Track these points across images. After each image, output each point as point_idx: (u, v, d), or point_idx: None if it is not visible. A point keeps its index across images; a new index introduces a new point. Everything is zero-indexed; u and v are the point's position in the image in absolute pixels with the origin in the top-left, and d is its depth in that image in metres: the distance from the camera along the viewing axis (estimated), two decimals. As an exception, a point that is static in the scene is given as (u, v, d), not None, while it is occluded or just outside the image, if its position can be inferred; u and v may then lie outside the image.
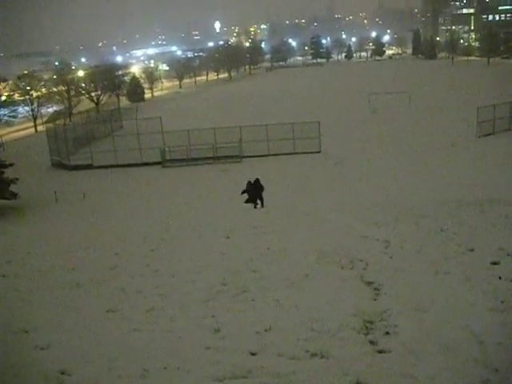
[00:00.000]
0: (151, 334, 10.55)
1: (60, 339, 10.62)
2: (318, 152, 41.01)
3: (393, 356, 8.52)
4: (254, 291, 12.60)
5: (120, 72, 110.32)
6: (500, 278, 11.71)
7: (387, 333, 9.40)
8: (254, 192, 24.95)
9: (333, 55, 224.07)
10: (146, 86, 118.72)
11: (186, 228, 22.42)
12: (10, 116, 70.60)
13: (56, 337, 10.78)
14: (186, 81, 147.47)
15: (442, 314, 10.06)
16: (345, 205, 23.74)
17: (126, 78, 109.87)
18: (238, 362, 8.61)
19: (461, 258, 13.65)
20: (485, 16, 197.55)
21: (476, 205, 21.16)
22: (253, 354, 9.00)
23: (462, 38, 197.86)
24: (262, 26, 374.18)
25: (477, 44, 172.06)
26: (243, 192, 25.04)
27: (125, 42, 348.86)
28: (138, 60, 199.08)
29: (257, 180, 25.18)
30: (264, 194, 26.03)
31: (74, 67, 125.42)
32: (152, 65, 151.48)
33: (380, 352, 8.70)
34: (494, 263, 12.86)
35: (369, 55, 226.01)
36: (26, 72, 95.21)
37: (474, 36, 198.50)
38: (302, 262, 14.67)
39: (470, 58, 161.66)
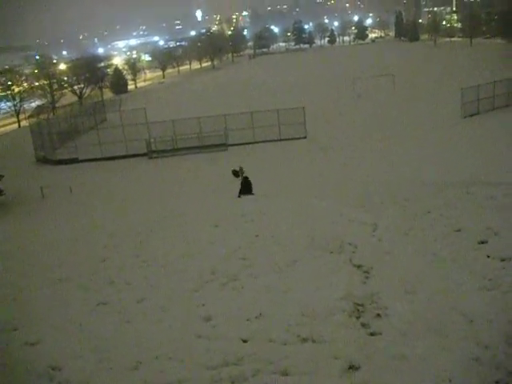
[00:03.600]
0: (142, 325, 10.52)
1: (50, 335, 10.57)
2: (304, 138, 40.94)
3: (384, 338, 8.56)
4: (243, 279, 12.60)
5: (102, 64, 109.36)
6: (488, 256, 11.77)
7: (378, 315, 9.44)
8: (245, 186, 25.32)
9: (316, 40, 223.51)
10: (129, 77, 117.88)
11: (174, 218, 22.34)
12: (-9, 112, 70.08)
13: (45, 332, 10.72)
14: (169, 71, 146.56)
15: (432, 294, 10.12)
16: (332, 190, 23.78)
17: (108, 69, 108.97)
18: (229, 350, 8.62)
19: (448, 239, 13.71)
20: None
21: (462, 186, 21.22)
22: (244, 341, 9.01)
23: (445, 19, 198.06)
24: (244, 13, 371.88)
25: (459, 25, 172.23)
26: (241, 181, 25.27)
27: (106, 33, 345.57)
28: (120, 51, 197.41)
29: (245, 177, 25.60)
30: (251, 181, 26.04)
31: (55, 61, 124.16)
32: (134, 56, 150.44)
33: (372, 334, 8.74)
34: (482, 242, 12.92)
35: (351, 39, 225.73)
36: (6, 67, 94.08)
37: (456, 17, 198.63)
38: (291, 247, 14.66)
39: (453, 39, 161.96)
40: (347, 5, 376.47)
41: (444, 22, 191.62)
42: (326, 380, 7.39)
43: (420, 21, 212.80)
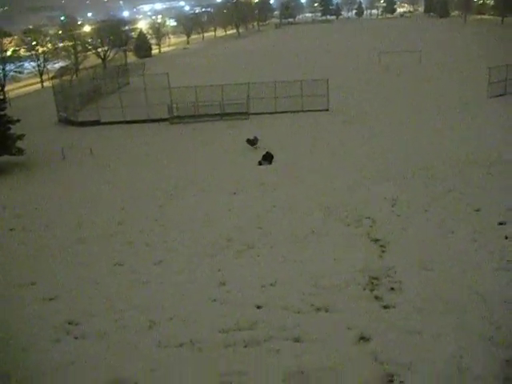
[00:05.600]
0: (158, 286, 10.68)
1: (67, 291, 10.78)
2: (326, 110, 40.55)
3: (397, 312, 8.58)
4: (260, 247, 12.68)
5: (127, 27, 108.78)
6: (506, 237, 11.69)
7: (392, 289, 9.46)
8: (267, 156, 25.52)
9: (343, 12, 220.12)
10: (153, 41, 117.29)
11: (193, 184, 22.44)
12: (16, 71, 69.99)
13: (63, 289, 10.94)
14: (193, 37, 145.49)
15: (448, 272, 10.10)
16: (352, 163, 23.63)
17: (133, 33, 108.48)
18: (243, 315, 8.71)
19: (468, 218, 13.64)
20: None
21: (485, 166, 21.01)
22: (258, 307, 9.10)
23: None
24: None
25: (491, 2, 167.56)
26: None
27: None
28: (145, 15, 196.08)
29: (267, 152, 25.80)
30: (271, 152, 26.04)
31: (80, 22, 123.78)
32: (159, 20, 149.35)
33: (385, 307, 8.77)
34: (501, 223, 12.84)
35: (379, 13, 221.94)
36: (31, 27, 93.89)
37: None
38: (309, 218, 14.69)
39: (484, 16, 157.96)
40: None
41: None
42: (337, 349, 7.44)
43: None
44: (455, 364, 6.97)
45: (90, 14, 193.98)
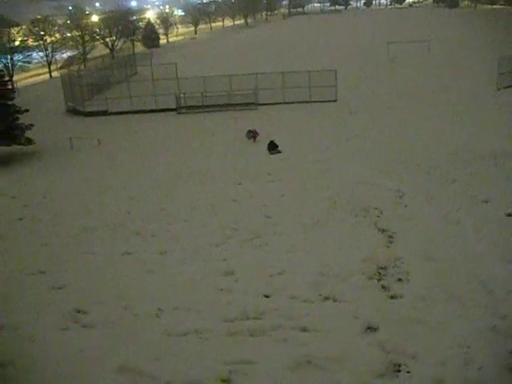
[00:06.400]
0: (165, 275, 10.73)
1: (76, 280, 10.85)
2: (334, 101, 40.39)
3: (404, 302, 8.61)
4: (267, 236, 12.70)
5: (135, 17, 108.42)
6: (513, 229, 11.67)
7: (399, 279, 9.49)
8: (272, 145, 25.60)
9: (351, 2, 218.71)
10: (161, 31, 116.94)
11: (199, 174, 22.44)
12: (24, 62, 69.99)
13: (72, 278, 11.01)
14: (201, 27, 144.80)
15: (453, 262, 10.11)
16: (359, 154, 23.55)
17: (140, 23, 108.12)
18: (250, 304, 8.74)
19: (473, 209, 13.61)
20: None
21: (491, 157, 20.87)
22: (266, 297, 9.14)
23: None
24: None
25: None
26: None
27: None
28: (152, 5, 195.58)
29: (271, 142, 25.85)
30: (278, 142, 26.00)
31: (87, 12, 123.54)
32: (167, 10, 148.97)
33: (391, 297, 8.80)
34: (510, 215, 12.80)
35: (388, 3, 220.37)
36: (39, 17, 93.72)
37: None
38: (316, 208, 14.70)
39: (495, 6, 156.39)
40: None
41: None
42: (345, 338, 7.47)
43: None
44: (461, 354, 6.99)
45: (97, 4, 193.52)
